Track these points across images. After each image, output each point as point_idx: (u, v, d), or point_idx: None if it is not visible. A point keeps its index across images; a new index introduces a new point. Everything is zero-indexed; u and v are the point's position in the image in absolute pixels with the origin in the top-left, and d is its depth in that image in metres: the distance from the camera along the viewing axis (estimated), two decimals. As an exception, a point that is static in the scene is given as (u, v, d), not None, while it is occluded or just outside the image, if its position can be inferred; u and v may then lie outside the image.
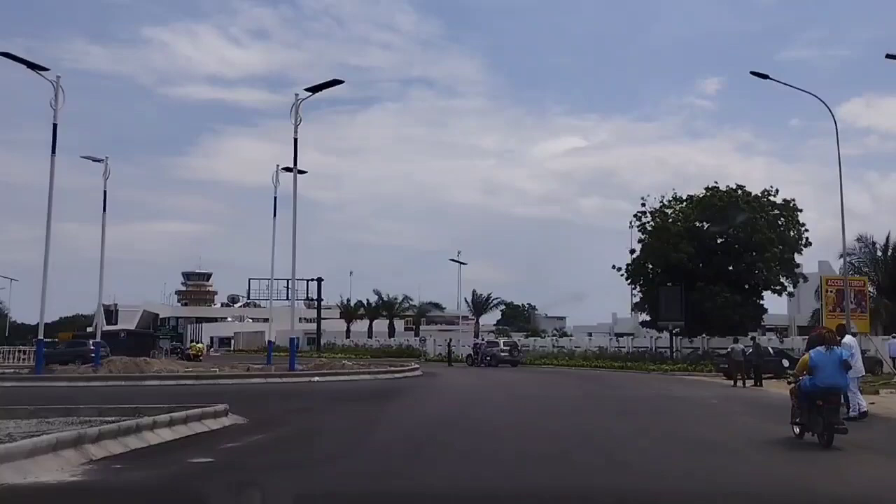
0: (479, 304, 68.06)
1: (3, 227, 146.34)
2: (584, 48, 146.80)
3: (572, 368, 42.90)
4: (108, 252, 32.55)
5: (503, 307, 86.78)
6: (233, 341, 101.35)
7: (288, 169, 34.17)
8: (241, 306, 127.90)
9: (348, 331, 79.01)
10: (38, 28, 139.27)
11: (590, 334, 58.33)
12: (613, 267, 47.15)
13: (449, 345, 51.17)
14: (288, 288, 73.89)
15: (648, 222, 44.64)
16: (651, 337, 46.26)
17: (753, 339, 29.00)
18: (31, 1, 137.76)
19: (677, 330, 42.29)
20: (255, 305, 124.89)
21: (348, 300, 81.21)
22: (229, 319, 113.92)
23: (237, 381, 24.68)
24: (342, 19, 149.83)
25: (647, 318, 46.62)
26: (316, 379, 25.43)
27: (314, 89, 27.15)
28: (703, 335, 42.66)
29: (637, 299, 46.61)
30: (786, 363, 27.75)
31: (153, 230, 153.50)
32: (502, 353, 46.12)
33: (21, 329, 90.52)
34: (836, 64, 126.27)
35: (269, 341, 34.54)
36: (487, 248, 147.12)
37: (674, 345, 41.82)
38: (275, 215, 36.05)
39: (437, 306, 75.26)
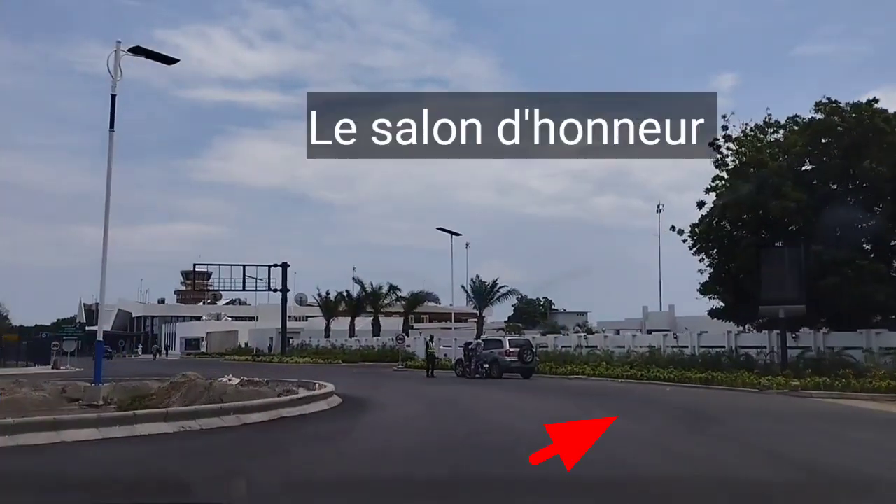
0: (483, 294, 52.11)
1: (13, 229, 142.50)
2: (598, 45, 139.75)
3: (619, 381, 27.72)
4: (123, 254, 20.19)
5: (515, 301, 71.41)
6: (204, 343, 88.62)
7: (136, 50, 21.74)
8: (225, 304, 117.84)
9: (328, 329, 65.27)
10: (53, 32, 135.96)
11: (617, 331, 43.60)
12: (672, 229, 31.70)
13: (428, 346, 35.41)
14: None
15: (730, 156, 29.17)
16: (731, 333, 30.87)
17: None
18: (45, 5, 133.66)
19: (762, 320, 27.66)
20: (240, 303, 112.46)
21: (327, 293, 66.49)
22: (204, 318, 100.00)
23: None
24: (354, 20, 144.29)
25: (721, 303, 31.02)
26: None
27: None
28: (813, 328, 27.36)
29: (706, 277, 30.84)
30: None
31: (167, 232, 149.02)
32: (508, 358, 30.94)
33: (18, 331, 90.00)
34: (853, 59, 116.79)
35: (98, 343, 19.81)
36: (501, 248, 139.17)
37: (785, 343, 26.09)
38: (112, 127, 22.47)
39: (432, 297, 59.67)
